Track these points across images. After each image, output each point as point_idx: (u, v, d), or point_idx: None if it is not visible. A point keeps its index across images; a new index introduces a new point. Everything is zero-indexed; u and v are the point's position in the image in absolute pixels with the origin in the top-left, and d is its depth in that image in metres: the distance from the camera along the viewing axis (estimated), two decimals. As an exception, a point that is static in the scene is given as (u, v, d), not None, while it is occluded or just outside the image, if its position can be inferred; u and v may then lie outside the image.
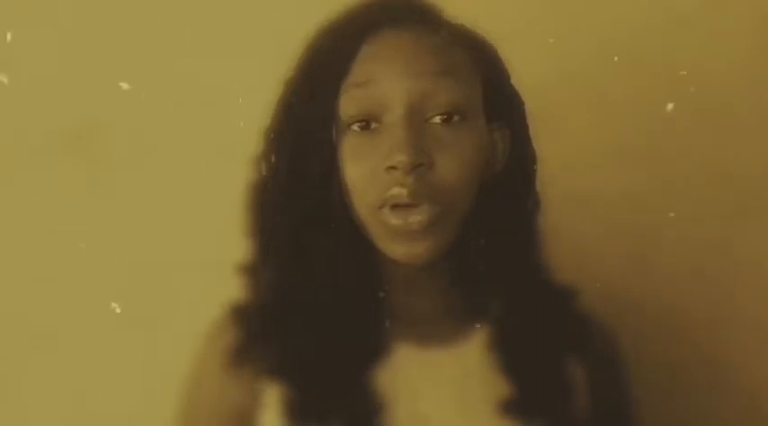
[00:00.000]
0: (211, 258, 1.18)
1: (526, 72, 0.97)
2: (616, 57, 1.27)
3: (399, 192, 0.88)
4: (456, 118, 0.90)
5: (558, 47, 1.27)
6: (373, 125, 0.90)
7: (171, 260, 1.24)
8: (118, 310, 1.24)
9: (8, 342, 1.26)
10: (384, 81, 0.89)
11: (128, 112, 1.24)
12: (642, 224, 1.32)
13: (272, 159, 0.94)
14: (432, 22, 0.94)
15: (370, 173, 0.89)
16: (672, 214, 1.30)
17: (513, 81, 0.97)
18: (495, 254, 0.96)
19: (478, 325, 0.96)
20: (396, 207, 0.89)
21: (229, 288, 0.96)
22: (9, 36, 1.25)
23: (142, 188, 1.25)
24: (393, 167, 0.88)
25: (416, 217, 0.89)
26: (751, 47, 1.30)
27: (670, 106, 1.28)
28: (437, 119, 0.90)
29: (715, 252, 1.32)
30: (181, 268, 1.24)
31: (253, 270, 0.96)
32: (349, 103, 0.90)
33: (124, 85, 1.24)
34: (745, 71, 1.31)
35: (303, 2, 1.11)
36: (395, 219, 0.89)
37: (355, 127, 0.90)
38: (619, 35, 1.28)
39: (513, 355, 0.95)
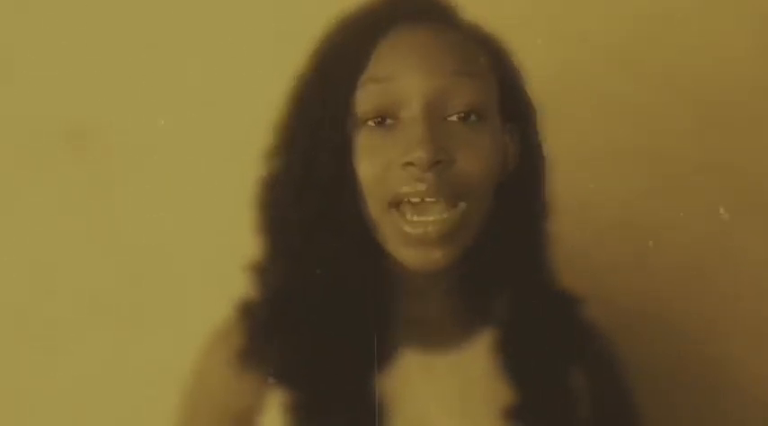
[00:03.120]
0: (213, 258, 1.18)
1: (525, 72, 0.97)
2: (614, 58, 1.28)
3: (416, 188, 0.87)
4: (473, 117, 0.89)
5: (557, 47, 1.27)
6: (389, 121, 0.89)
7: (172, 259, 1.24)
8: (123, 310, 1.24)
9: (8, 342, 1.26)
10: (403, 77, 0.88)
11: (128, 112, 1.24)
12: (642, 224, 1.31)
13: (284, 154, 0.93)
14: (449, 21, 0.93)
15: (384, 170, 0.88)
16: (671, 214, 1.30)
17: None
18: (502, 258, 0.95)
19: (483, 330, 0.96)
20: (410, 204, 0.87)
21: (231, 288, 0.96)
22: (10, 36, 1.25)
23: (143, 188, 1.25)
24: (410, 163, 0.87)
25: (433, 219, 0.87)
26: (751, 47, 1.30)
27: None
28: (455, 118, 0.89)
29: (715, 252, 1.32)
30: (182, 267, 1.24)
31: (261, 269, 0.95)
32: (365, 98, 0.89)
33: (125, 84, 1.24)
34: (745, 71, 1.31)
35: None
36: (410, 224, 0.87)
37: (370, 122, 0.89)
38: (618, 35, 1.28)
39: (517, 361, 0.95)
